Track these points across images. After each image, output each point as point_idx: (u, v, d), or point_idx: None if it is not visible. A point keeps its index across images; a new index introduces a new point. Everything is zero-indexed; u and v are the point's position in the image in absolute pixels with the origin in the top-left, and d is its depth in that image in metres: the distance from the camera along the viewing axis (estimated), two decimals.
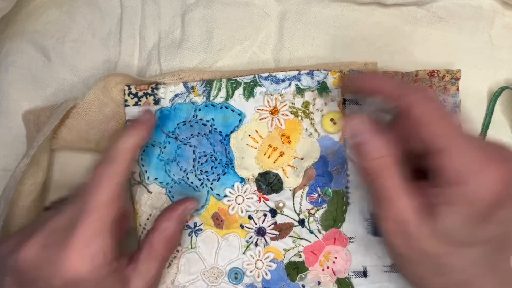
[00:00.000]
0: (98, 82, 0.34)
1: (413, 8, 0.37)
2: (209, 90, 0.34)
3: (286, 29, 0.37)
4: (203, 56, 0.37)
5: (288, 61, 0.37)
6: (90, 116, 0.34)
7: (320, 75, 0.34)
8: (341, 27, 0.37)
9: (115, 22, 0.38)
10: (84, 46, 0.38)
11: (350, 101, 0.34)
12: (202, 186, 0.35)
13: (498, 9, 0.37)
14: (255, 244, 0.35)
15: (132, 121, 0.34)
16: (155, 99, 0.34)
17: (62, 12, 0.38)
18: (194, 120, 0.34)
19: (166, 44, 0.37)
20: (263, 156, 0.34)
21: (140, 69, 0.38)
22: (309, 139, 0.34)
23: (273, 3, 0.37)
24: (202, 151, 0.34)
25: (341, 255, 0.35)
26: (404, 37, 0.37)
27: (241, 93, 0.34)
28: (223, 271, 0.35)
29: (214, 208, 0.35)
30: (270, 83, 0.34)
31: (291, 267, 0.35)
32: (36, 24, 0.38)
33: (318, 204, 0.34)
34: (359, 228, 0.35)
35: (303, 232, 0.35)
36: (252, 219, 0.35)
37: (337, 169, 0.34)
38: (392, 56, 0.37)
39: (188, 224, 0.35)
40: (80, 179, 0.37)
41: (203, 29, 0.37)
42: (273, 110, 0.34)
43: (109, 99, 0.34)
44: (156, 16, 0.38)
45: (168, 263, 0.35)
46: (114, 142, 0.30)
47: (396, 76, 0.34)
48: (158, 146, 0.35)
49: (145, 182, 0.35)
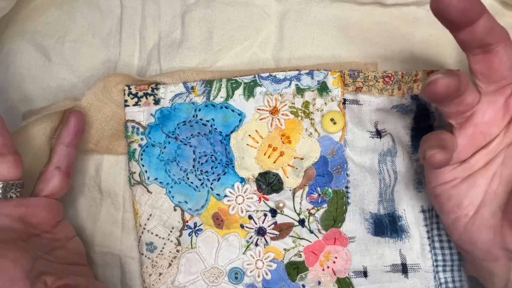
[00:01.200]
0: (98, 82, 0.34)
1: (413, 8, 0.37)
2: (209, 90, 0.34)
3: (286, 29, 0.37)
4: (203, 56, 0.37)
5: (288, 61, 0.37)
6: (90, 116, 0.34)
7: (320, 75, 0.34)
8: (341, 27, 0.37)
9: (115, 22, 0.38)
10: (84, 46, 0.38)
11: (350, 101, 0.34)
12: (202, 186, 0.35)
13: (498, 9, 0.37)
14: (255, 244, 0.35)
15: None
16: (155, 99, 0.34)
17: (62, 12, 0.38)
18: (194, 120, 0.34)
19: (166, 44, 0.37)
20: (263, 156, 0.34)
21: (140, 69, 0.38)
22: (309, 139, 0.34)
23: (273, 3, 0.37)
24: (202, 151, 0.34)
25: (341, 255, 0.35)
26: (404, 37, 0.37)
27: (241, 93, 0.34)
28: (223, 271, 0.35)
29: (214, 208, 0.35)
30: (270, 83, 0.34)
31: (291, 267, 0.35)
32: (36, 24, 0.38)
33: (318, 204, 0.34)
34: (359, 228, 0.35)
35: (303, 232, 0.35)
36: (252, 219, 0.35)
37: (337, 169, 0.34)
38: (392, 56, 0.37)
39: (188, 224, 0.35)
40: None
41: (203, 29, 0.37)
42: (273, 110, 0.34)
43: (109, 99, 0.34)
44: (156, 16, 0.38)
45: (169, 263, 0.35)
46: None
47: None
48: (158, 146, 0.35)
49: (145, 182, 0.35)
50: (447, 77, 0.24)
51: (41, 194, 0.32)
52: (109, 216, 0.37)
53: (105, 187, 0.37)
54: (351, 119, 0.34)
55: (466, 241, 0.29)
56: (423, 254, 0.34)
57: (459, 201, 0.29)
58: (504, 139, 0.27)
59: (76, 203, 0.37)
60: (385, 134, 0.34)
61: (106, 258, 0.37)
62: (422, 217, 0.35)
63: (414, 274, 0.34)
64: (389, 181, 0.35)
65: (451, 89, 0.25)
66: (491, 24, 0.25)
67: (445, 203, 0.29)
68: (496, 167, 0.28)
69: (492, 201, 0.28)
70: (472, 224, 0.28)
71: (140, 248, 0.35)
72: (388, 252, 0.35)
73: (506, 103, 0.27)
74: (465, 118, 0.28)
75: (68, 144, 0.33)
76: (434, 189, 0.30)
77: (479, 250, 0.28)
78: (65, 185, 0.33)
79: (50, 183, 0.32)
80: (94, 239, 0.37)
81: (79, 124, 0.33)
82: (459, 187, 0.29)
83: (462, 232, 0.29)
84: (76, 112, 0.33)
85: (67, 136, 0.33)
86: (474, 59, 0.26)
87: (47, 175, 0.32)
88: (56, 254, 0.31)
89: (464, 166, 0.28)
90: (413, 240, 0.34)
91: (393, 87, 0.33)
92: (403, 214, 0.35)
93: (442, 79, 0.24)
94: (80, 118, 0.33)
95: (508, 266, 0.28)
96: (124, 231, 0.37)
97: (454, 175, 0.29)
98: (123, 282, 0.37)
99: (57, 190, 0.32)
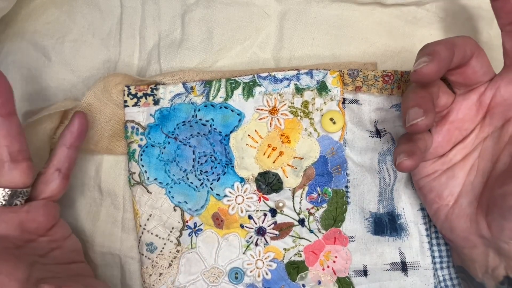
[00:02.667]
0: (98, 83, 0.34)
1: (413, 8, 0.37)
2: (208, 90, 0.34)
3: (286, 29, 0.37)
4: (203, 56, 0.37)
5: (288, 61, 0.37)
6: (90, 117, 0.34)
7: (319, 75, 0.34)
8: (341, 27, 0.37)
9: (115, 22, 0.38)
10: (84, 46, 0.38)
11: (349, 101, 0.34)
12: (202, 186, 0.35)
13: None
14: (255, 243, 0.35)
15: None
16: (155, 100, 0.34)
17: (62, 12, 0.38)
18: (193, 120, 0.34)
19: (166, 44, 0.37)
20: (263, 156, 0.34)
21: (140, 69, 0.38)
22: (308, 139, 0.34)
23: (273, 3, 0.37)
24: (201, 151, 0.34)
25: (341, 254, 0.35)
26: (404, 37, 0.37)
27: (240, 93, 0.34)
28: (224, 271, 0.35)
29: (214, 208, 0.35)
30: (269, 83, 0.34)
31: (291, 267, 0.35)
32: (36, 24, 0.38)
33: (318, 203, 0.34)
34: (359, 227, 0.35)
35: (303, 232, 0.35)
36: (252, 218, 0.35)
37: (337, 169, 0.34)
38: (392, 56, 0.37)
39: (188, 224, 0.35)
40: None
41: (203, 29, 0.37)
42: (273, 110, 0.34)
43: (109, 99, 0.34)
44: (156, 16, 0.38)
45: (169, 263, 0.35)
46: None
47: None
48: (158, 147, 0.35)
49: (145, 182, 0.35)
50: (430, 63, 0.26)
51: (40, 196, 0.31)
52: (109, 216, 0.37)
53: (105, 187, 0.37)
54: (351, 119, 0.34)
55: (447, 229, 0.31)
56: (422, 252, 0.34)
57: (440, 192, 0.31)
58: (479, 134, 0.30)
59: (76, 203, 0.37)
60: (385, 134, 0.34)
61: (106, 258, 0.37)
62: (421, 215, 0.35)
63: (413, 272, 0.34)
64: (388, 180, 0.35)
65: (434, 75, 0.26)
66: (461, 55, 0.27)
67: (427, 194, 0.32)
68: (473, 160, 0.30)
69: (469, 192, 0.30)
70: (452, 213, 0.30)
71: (140, 248, 0.35)
72: (387, 251, 0.35)
73: (479, 100, 0.29)
74: (440, 117, 0.30)
75: (70, 146, 0.32)
76: (418, 182, 0.32)
77: (459, 238, 0.30)
78: (64, 187, 0.32)
79: (50, 185, 0.31)
80: (94, 239, 0.37)
81: (83, 126, 0.33)
82: (439, 179, 0.31)
83: (443, 220, 0.31)
84: (80, 113, 0.33)
85: (70, 137, 0.32)
86: (450, 73, 0.29)
87: (47, 177, 0.32)
88: (53, 255, 0.31)
89: (443, 160, 0.31)
90: (412, 238, 0.34)
91: (392, 86, 0.33)
92: (402, 212, 0.35)
93: (426, 67, 0.26)
94: (83, 120, 0.33)
95: (486, 253, 0.29)
96: (124, 231, 0.37)
97: (434, 168, 0.31)
98: (123, 282, 0.37)
99: (56, 193, 0.32)
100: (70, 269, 0.31)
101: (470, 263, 0.31)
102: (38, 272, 0.28)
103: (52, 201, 0.32)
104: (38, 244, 0.30)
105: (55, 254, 0.31)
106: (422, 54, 0.27)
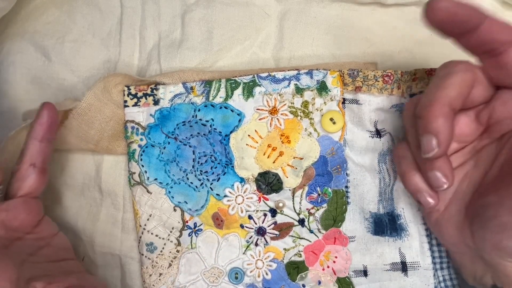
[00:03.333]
0: (98, 83, 0.34)
1: (413, 8, 0.37)
2: (208, 90, 0.34)
3: (286, 29, 0.37)
4: (203, 56, 0.37)
5: (288, 61, 0.37)
6: (90, 117, 0.34)
7: (319, 75, 0.34)
8: (341, 27, 0.37)
9: (115, 22, 0.38)
10: (84, 46, 0.38)
11: (349, 101, 0.34)
12: (202, 186, 0.35)
13: (498, 9, 0.37)
14: (255, 244, 0.35)
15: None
16: (155, 100, 0.34)
17: (62, 12, 0.38)
18: (193, 121, 0.34)
19: (166, 44, 0.37)
20: (263, 156, 0.34)
21: (140, 69, 0.38)
22: (308, 139, 0.34)
23: (273, 3, 0.37)
24: (201, 151, 0.34)
25: (341, 254, 0.35)
26: (404, 37, 0.37)
27: (240, 93, 0.34)
28: (224, 271, 0.35)
29: (214, 208, 0.35)
30: (269, 83, 0.34)
31: (291, 267, 0.35)
32: (36, 24, 0.38)
33: (318, 203, 0.34)
34: (359, 227, 0.35)
35: (303, 232, 0.35)
36: (252, 219, 0.35)
37: (337, 169, 0.34)
38: (392, 56, 0.37)
39: (188, 224, 0.35)
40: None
41: (203, 29, 0.37)
42: (273, 110, 0.34)
43: (109, 99, 0.34)
44: (156, 16, 0.38)
45: (169, 263, 0.35)
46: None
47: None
48: (158, 147, 0.35)
49: (145, 182, 0.35)
50: (438, 150, 0.25)
51: (18, 194, 0.30)
52: (109, 217, 0.37)
53: (105, 188, 0.37)
54: (351, 119, 0.34)
55: (437, 233, 0.31)
56: (422, 252, 0.34)
57: None
58: (477, 144, 0.29)
59: (76, 203, 0.37)
60: (385, 134, 0.34)
61: (106, 259, 0.37)
62: (420, 215, 0.35)
63: (413, 272, 0.34)
64: (388, 180, 0.35)
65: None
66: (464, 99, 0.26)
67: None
68: (468, 168, 0.30)
69: (460, 200, 0.29)
70: (441, 218, 0.30)
71: (140, 248, 0.35)
72: (387, 251, 0.35)
73: (477, 117, 0.28)
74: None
75: (42, 139, 0.31)
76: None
77: (448, 243, 0.30)
78: (42, 182, 0.31)
79: (26, 181, 0.30)
80: (94, 239, 0.37)
81: (52, 117, 0.31)
82: None
83: (434, 224, 0.31)
84: (48, 104, 0.31)
85: (40, 130, 0.31)
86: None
87: (22, 173, 0.30)
88: (42, 253, 0.31)
89: None
90: (412, 238, 0.34)
91: (392, 86, 0.33)
92: (402, 212, 0.35)
93: (433, 154, 0.25)
94: (52, 110, 0.31)
95: (473, 261, 0.29)
96: (124, 232, 0.37)
97: None
98: (123, 283, 0.37)
99: (34, 189, 0.31)
100: (60, 266, 0.31)
101: (461, 268, 0.31)
102: (28, 270, 0.28)
103: (32, 197, 0.31)
104: (26, 242, 0.30)
105: (44, 252, 0.31)
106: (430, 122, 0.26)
